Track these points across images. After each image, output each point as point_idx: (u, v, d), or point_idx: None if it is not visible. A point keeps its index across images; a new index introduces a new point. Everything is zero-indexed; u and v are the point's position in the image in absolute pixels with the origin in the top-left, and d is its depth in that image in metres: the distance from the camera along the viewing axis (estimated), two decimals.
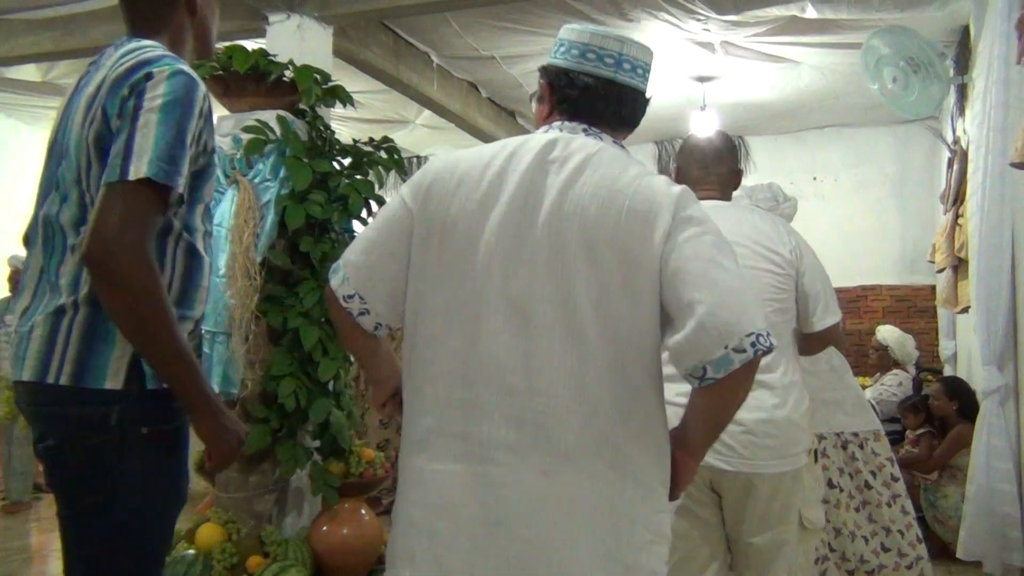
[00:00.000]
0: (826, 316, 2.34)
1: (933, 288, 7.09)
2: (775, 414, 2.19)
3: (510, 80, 6.50)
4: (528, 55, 5.91)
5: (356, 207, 3.59)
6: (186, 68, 1.57)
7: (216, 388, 3.24)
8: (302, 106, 3.66)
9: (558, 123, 1.55)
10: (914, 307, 7.51)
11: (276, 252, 3.46)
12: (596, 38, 1.53)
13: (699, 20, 5.18)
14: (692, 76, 6.34)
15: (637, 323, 1.39)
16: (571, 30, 1.57)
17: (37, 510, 6.02)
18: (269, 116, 3.52)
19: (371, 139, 3.80)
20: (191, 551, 3.33)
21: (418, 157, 9.01)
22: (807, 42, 5.54)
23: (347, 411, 3.68)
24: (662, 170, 8.24)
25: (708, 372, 1.31)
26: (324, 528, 3.57)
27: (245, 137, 3.44)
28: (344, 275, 1.53)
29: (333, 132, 3.79)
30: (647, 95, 1.58)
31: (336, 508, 3.59)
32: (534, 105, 1.64)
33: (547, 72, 1.58)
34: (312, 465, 3.57)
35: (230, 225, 3.35)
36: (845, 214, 7.60)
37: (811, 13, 4.95)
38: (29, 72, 6.15)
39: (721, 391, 1.35)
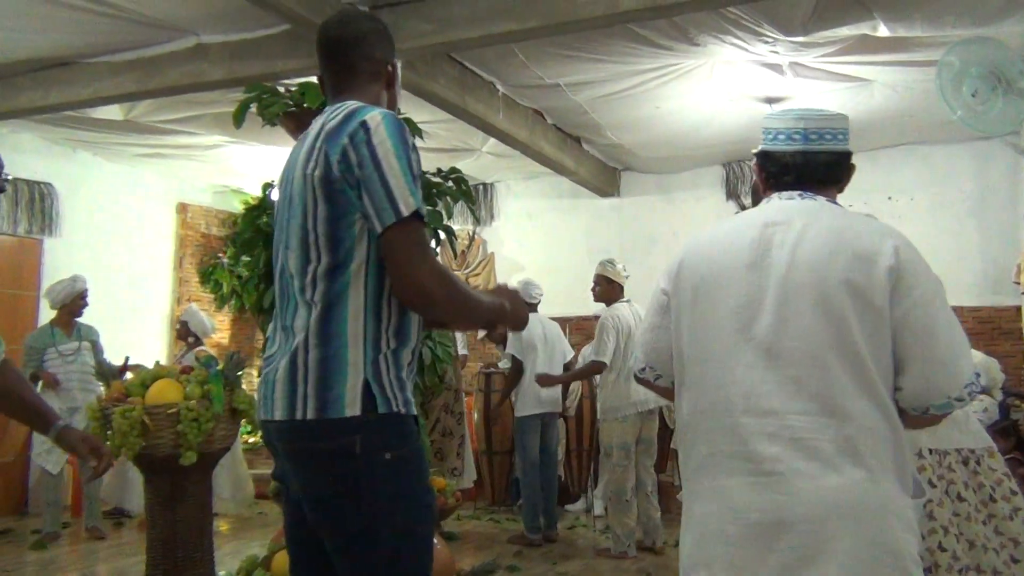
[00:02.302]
0: None
1: (1018, 309, 6.82)
2: None
3: (576, 107, 6.52)
4: (594, 81, 5.93)
5: None
6: (387, 111, 1.76)
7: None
8: None
9: (775, 194, 1.86)
10: (998, 329, 7.22)
11: None
12: (783, 120, 1.86)
13: (767, 42, 5.13)
14: (760, 98, 6.27)
15: (872, 350, 1.65)
16: (768, 119, 1.90)
17: (120, 534, 6.20)
18: None
19: (439, 170, 3.84)
20: None
21: (484, 185, 9.08)
22: (879, 60, 5.43)
23: None
24: (730, 192, 8.15)
25: (930, 411, 1.68)
26: None
27: None
28: (635, 356, 2.03)
29: None
30: (843, 152, 1.85)
31: None
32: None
33: (757, 157, 1.92)
34: None
35: None
36: (922, 234, 7.30)
37: (883, 31, 4.85)
38: (112, 112, 6.41)
39: (933, 420, 1.73)
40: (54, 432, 2.09)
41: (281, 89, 3.90)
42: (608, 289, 5.60)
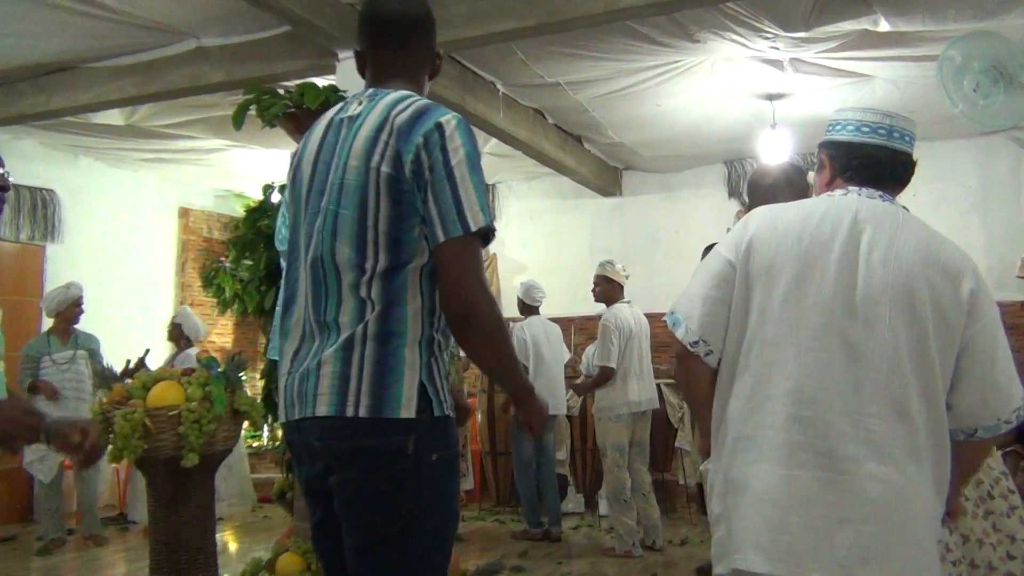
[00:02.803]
0: None
1: (1023, 304, 6.80)
2: None
3: (576, 106, 6.51)
4: (594, 80, 5.91)
5: None
6: (459, 115, 1.72)
7: None
8: None
9: (854, 188, 1.85)
10: (1003, 324, 7.19)
11: None
12: (866, 113, 1.87)
13: (767, 39, 5.11)
14: (761, 95, 6.25)
15: (942, 364, 1.70)
16: (843, 112, 1.91)
17: (124, 539, 6.19)
18: None
19: None
20: None
21: (486, 185, 9.05)
22: (880, 56, 5.41)
23: None
24: (731, 191, 8.11)
25: (979, 433, 1.75)
26: None
27: None
28: (686, 327, 1.85)
29: None
30: (912, 156, 1.89)
31: None
32: (812, 176, 1.94)
33: (826, 147, 1.92)
34: None
35: None
36: None
37: (884, 26, 4.83)
38: (113, 116, 6.41)
39: (982, 447, 1.81)
40: (43, 435, 2.04)
41: (280, 91, 3.89)
42: (608, 289, 5.60)
